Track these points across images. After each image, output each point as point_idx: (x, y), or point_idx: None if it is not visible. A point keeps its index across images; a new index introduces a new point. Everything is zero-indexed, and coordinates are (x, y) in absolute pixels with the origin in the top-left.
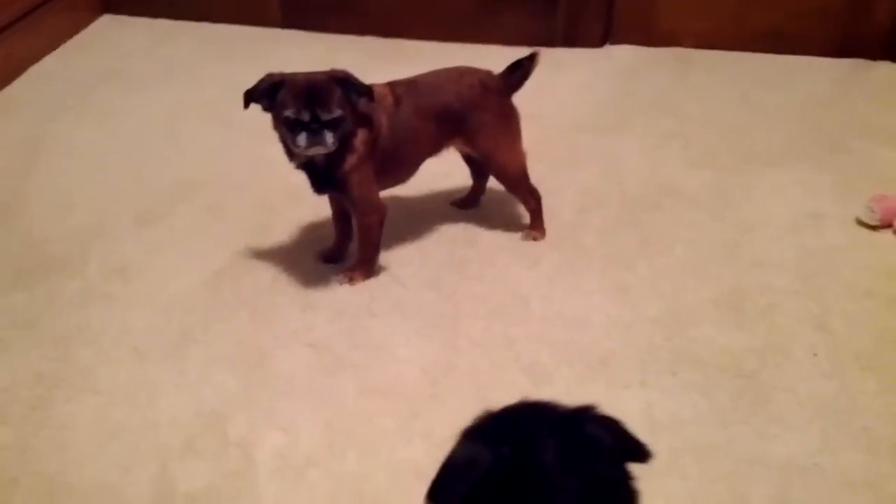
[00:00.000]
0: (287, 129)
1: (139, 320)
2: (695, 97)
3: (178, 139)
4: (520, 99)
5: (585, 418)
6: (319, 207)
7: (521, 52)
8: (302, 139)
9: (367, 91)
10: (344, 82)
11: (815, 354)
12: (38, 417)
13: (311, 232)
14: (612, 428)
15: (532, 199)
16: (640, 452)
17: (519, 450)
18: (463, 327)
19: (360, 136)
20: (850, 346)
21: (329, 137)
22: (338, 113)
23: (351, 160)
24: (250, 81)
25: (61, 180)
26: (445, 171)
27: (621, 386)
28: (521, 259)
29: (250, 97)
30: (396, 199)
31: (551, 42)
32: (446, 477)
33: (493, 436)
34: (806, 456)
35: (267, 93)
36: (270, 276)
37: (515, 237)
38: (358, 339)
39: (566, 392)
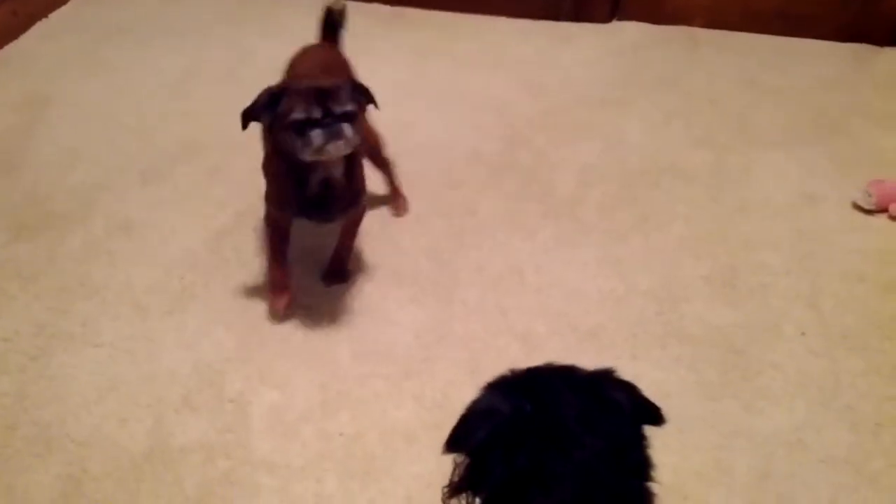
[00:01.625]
0: (296, 133)
1: (141, 276)
2: (700, 76)
3: (184, 99)
4: (527, 71)
5: (606, 381)
6: None
7: (527, 24)
8: (317, 136)
9: (372, 98)
10: (355, 87)
11: (803, 333)
12: (38, 367)
13: None
14: (630, 392)
15: (391, 170)
16: (656, 416)
17: (540, 404)
18: (458, 295)
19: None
20: (839, 327)
21: (348, 130)
22: (351, 107)
23: (361, 173)
24: (259, 43)
25: (67, 136)
26: (446, 140)
27: (611, 357)
28: (519, 230)
29: (250, 116)
30: (397, 169)
31: (558, 16)
32: (465, 424)
33: (515, 390)
34: (790, 431)
35: (267, 107)
36: None
37: (514, 208)
38: (354, 303)
39: (557, 360)
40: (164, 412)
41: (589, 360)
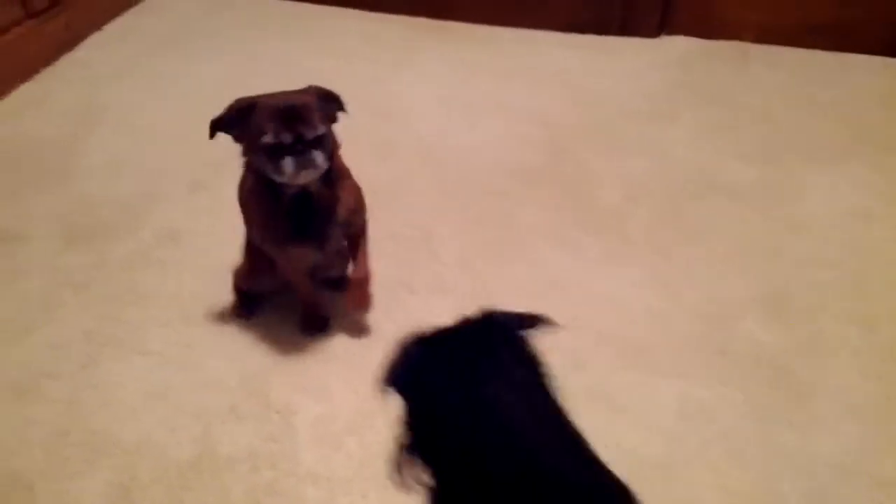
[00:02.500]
0: (267, 157)
1: (188, 284)
2: (749, 91)
3: None
4: (572, 84)
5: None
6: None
7: (575, 38)
8: (288, 165)
9: (342, 105)
10: (323, 96)
11: (856, 355)
12: (88, 374)
13: None
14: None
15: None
16: (537, 321)
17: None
18: (500, 308)
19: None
20: (893, 349)
21: (319, 157)
22: (322, 129)
23: (348, 184)
24: (304, 54)
25: (117, 145)
26: (488, 152)
27: (657, 375)
28: (562, 244)
29: (217, 127)
30: (436, 180)
31: (606, 30)
32: (394, 365)
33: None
34: (842, 454)
35: (236, 120)
36: None
37: (556, 221)
38: (396, 313)
39: (602, 378)
40: (211, 421)
41: (634, 377)
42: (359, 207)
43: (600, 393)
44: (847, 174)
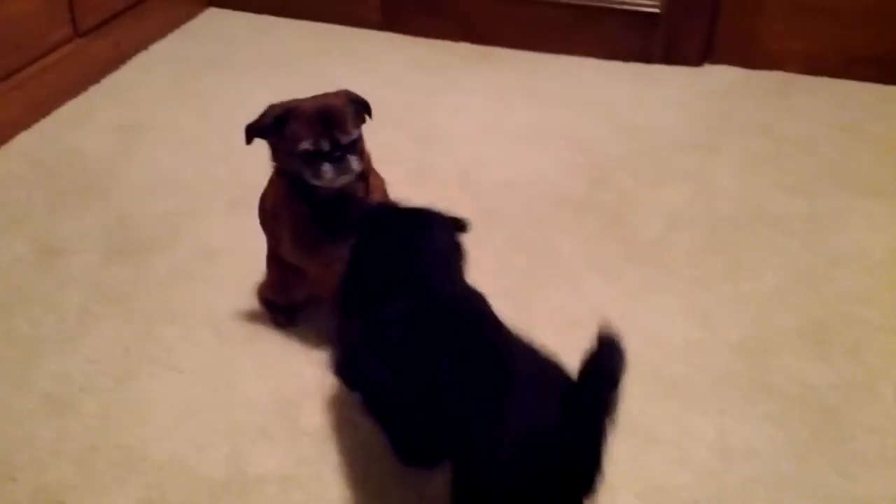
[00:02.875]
0: (305, 162)
1: (224, 303)
2: (794, 122)
3: None
4: (614, 112)
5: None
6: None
7: (616, 66)
8: (327, 170)
9: (367, 107)
10: (354, 101)
11: None
12: (122, 389)
13: None
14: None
15: None
16: (462, 225)
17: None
18: (536, 337)
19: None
20: None
21: (354, 162)
22: (356, 133)
23: (376, 177)
24: (348, 78)
25: (159, 163)
26: (528, 178)
27: (696, 410)
28: (602, 273)
29: (253, 132)
30: (475, 206)
31: (649, 58)
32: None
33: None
34: (887, 499)
35: (273, 127)
36: None
37: (596, 250)
38: None
39: (638, 409)
40: (242, 441)
41: (671, 411)
42: (386, 199)
43: (636, 424)
44: (892, 207)
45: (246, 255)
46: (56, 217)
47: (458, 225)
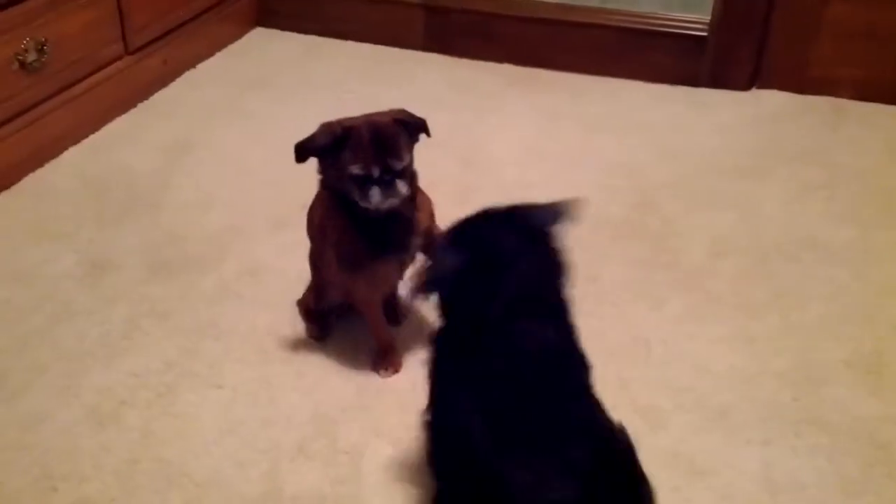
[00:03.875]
0: (354, 185)
1: (266, 321)
2: (845, 149)
3: None
4: (660, 137)
5: (522, 210)
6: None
7: (662, 89)
8: (375, 195)
9: (423, 125)
10: (406, 123)
11: None
12: (164, 404)
13: None
14: (541, 212)
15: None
16: (562, 212)
17: (481, 245)
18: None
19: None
20: None
21: (403, 187)
22: (407, 159)
23: (424, 196)
24: (391, 98)
25: (205, 180)
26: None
27: (741, 441)
28: (645, 299)
29: (307, 151)
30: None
31: (696, 82)
32: (434, 276)
33: (460, 241)
34: None
35: (330, 147)
36: None
37: (640, 276)
38: None
39: (682, 440)
40: (280, 458)
41: (716, 441)
42: (432, 219)
43: (680, 455)
44: None
45: (289, 273)
46: (104, 232)
47: (561, 215)
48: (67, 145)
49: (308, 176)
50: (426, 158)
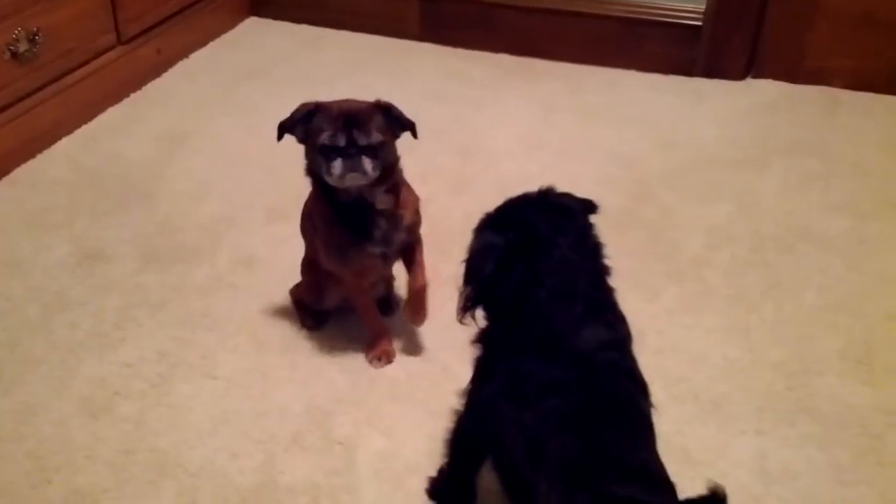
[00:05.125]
0: (321, 157)
1: (260, 311)
2: (840, 139)
3: None
4: (656, 127)
5: (553, 194)
6: (446, 219)
7: (658, 79)
8: (337, 166)
9: (410, 125)
10: (386, 110)
11: None
12: (158, 395)
13: (434, 244)
14: (571, 196)
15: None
16: (593, 207)
17: (520, 228)
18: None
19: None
20: None
21: (368, 164)
22: (377, 138)
23: (408, 193)
24: (387, 90)
25: (200, 171)
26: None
27: (735, 431)
28: (640, 290)
29: (284, 128)
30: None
31: (691, 71)
32: (473, 262)
33: (499, 225)
34: None
35: (302, 121)
36: None
37: (636, 266)
38: (466, 354)
39: (677, 430)
40: (274, 449)
41: (710, 432)
42: (417, 216)
43: (674, 445)
44: None
45: (283, 264)
46: (97, 222)
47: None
48: (60, 136)
49: (301, 168)
50: (423, 150)
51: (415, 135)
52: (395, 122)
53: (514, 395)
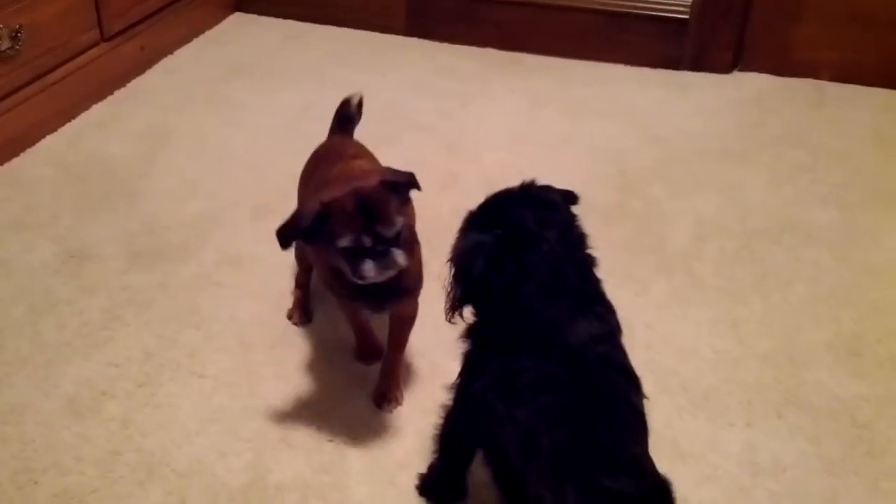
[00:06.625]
0: (345, 259)
1: (247, 310)
2: (827, 131)
3: (298, 137)
4: (643, 120)
5: (536, 188)
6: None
7: (645, 73)
8: (369, 268)
9: (413, 181)
10: (393, 184)
11: None
12: (144, 394)
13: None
14: (553, 189)
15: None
16: (574, 198)
17: (506, 224)
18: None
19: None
20: None
21: (399, 256)
22: (400, 222)
23: (416, 262)
24: (374, 85)
25: (185, 168)
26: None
27: (724, 423)
28: (630, 283)
29: (291, 235)
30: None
31: (678, 65)
32: (463, 262)
33: (485, 222)
34: None
35: (313, 228)
36: None
37: (625, 260)
38: (454, 350)
39: (666, 422)
40: (263, 448)
41: (699, 424)
42: (420, 278)
43: (663, 437)
44: None
45: (270, 262)
46: (82, 221)
47: (571, 199)
48: (44, 134)
49: (288, 163)
50: (409, 144)
51: (418, 187)
52: (403, 189)
53: (506, 391)
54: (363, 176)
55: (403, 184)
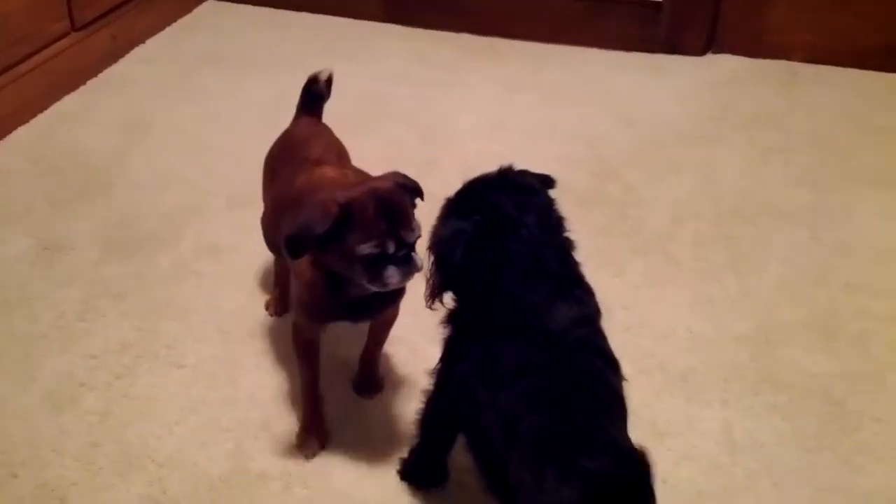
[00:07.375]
0: (364, 267)
1: (226, 300)
2: (800, 113)
3: (274, 126)
4: (618, 104)
5: (514, 173)
6: None
7: (619, 56)
8: (394, 275)
9: (419, 190)
10: (406, 187)
11: None
12: (123, 386)
13: None
14: (530, 174)
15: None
16: (551, 182)
17: (485, 210)
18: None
19: None
20: None
21: (419, 260)
22: (419, 227)
23: None
24: (351, 73)
25: (161, 159)
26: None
27: (701, 403)
28: (607, 266)
29: (305, 244)
30: None
31: (651, 48)
32: (443, 249)
33: (464, 209)
34: (894, 489)
35: (334, 232)
36: None
37: (602, 243)
38: (434, 335)
39: (643, 403)
40: (244, 437)
41: (677, 404)
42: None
43: (641, 418)
44: None
45: (248, 251)
46: (56, 213)
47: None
48: (16, 125)
49: (265, 153)
50: (388, 132)
51: (422, 197)
52: (415, 193)
53: (487, 376)
54: (378, 179)
55: (414, 189)
